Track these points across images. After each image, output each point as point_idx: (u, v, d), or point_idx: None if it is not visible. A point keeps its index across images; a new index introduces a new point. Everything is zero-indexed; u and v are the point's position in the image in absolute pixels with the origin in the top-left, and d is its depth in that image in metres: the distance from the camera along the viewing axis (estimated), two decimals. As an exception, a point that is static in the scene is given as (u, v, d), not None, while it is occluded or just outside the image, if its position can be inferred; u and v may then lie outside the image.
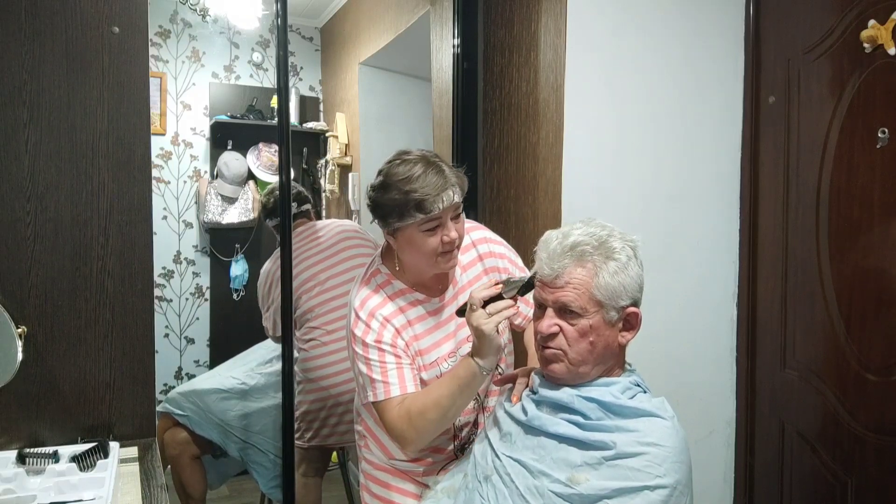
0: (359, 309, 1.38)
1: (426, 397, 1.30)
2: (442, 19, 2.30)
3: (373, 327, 1.36)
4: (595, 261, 1.15)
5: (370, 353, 1.35)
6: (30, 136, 1.51)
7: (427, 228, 1.31)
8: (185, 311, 3.62)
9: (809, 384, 1.79)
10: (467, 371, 1.25)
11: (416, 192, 1.27)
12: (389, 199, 1.30)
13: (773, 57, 1.91)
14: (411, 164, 1.31)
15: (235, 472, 2.86)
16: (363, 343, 1.35)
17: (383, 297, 1.40)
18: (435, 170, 1.30)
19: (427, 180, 1.28)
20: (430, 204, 1.28)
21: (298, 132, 3.73)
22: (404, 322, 1.39)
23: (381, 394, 1.33)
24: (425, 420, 1.28)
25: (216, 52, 3.66)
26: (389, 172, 1.32)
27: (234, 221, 3.50)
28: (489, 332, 1.20)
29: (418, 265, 1.38)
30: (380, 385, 1.33)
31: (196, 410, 2.62)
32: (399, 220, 1.30)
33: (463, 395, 1.28)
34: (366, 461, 1.54)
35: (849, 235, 1.66)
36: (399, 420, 1.31)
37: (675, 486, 1.07)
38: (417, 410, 1.29)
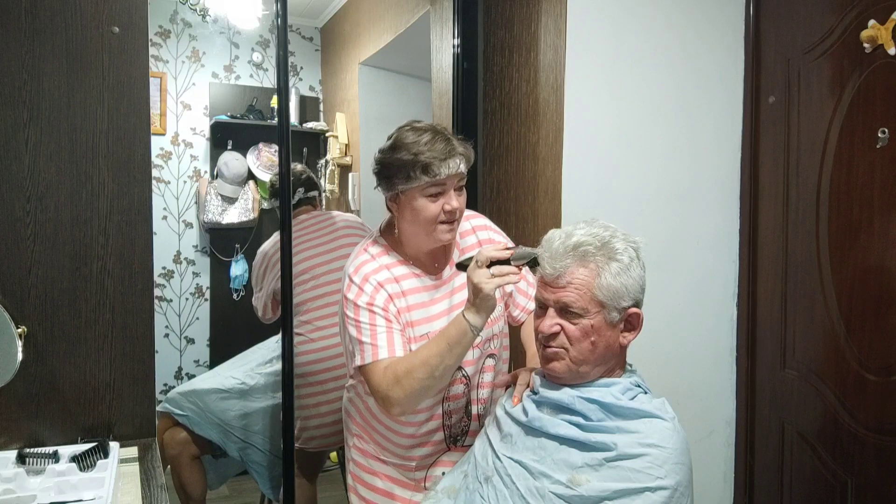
0: (353, 273, 1.39)
1: (414, 357, 1.30)
2: (442, 19, 2.30)
3: (366, 290, 1.36)
4: (597, 261, 1.15)
5: (361, 315, 1.35)
6: (30, 136, 1.51)
7: (430, 193, 1.34)
8: (185, 311, 3.62)
9: (809, 384, 1.79)
10: (458, 329, 1.25)
11: (423, 155, 1.31)
12: (397, 159, 1.33)
13: (773, 57, 1.91)
14: (421, 132, 1.35)
15: (235, 472, 2.86)
16: (354, 305, 1.36)
17: (379, 265, 1.40)
18: (443, 138, 1.35)
19: (435, 146, 1.33)
20: (436, 167, 1.31)
21: (298, 132, 3.73)
22: (398, 290, 1.39)
23: (369, 356, 1.32)
24: (413, 379, 1.27)
25: (216, 52, 3.66)
26: (399, 136, 1.36)
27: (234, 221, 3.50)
28: (489, 291, 1.20)
29: (417, 234, 1.39)
30: (368, 347, 1.33)
31: (196, 410, 2.61)
32: (405, 181, 1.33)
33: (452, 353, 1.27)
34: (354, 463, 1.52)
35: (849, 235, 1.66)
36: (385, 381, 1.30)
37: (676, 488, 1.07)
38: (404, 370, 1.28)
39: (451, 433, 1.47)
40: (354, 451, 1.51)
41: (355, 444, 1.51)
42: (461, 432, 1.48)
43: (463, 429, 1.48)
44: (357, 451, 1.51)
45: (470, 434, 1.49)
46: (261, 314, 2.54)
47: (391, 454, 1.46)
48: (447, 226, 1.38)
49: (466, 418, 1.48)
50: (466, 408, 1.48)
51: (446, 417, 1.45)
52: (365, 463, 1.49)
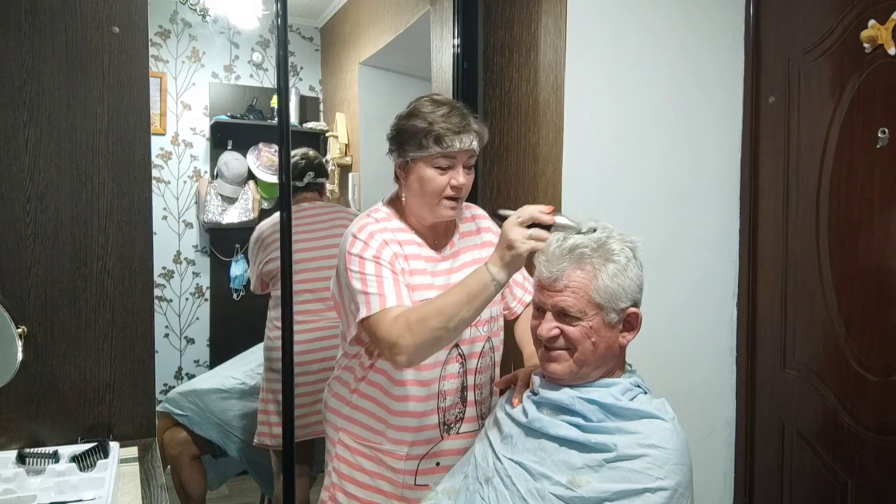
0: (357, 232, 1.38)
1: (429, 305, 1.25)
2: (442, 19, 2.30)
3: (371, 245, 1.35)
4: (594, 263, 1.15)
5: (366, 267, 1.33)
6: (30, 136, 1.51)
7: (439, 166, 1.36)
8: (185, 311, 3.62)
9: (809, 384, 1.79)
10: (480, 280, 1.22)
11: (437, 125, 1.33)
12: (412, 125, 1.35)
13: (773, 57, 1.91)
14: (439, 104, 1.38)
15: (235, 473, 2.86)
16: (360, 258, 1.34)
17: (382, 228, 1.40)
18: (459, 113, 1.37)
19: (451, 119, 1.35)
20: (449, 140, 1.33)
21: (298, 132, 3.73)
22: (402, 253, 1.39)
23: (376, 305, 1.28)
24: (426, 327, 1.22)
25: (216, 52, 3.66)
26: (418, 105, 1.39)
27: (234, 221, 3.50)
28: (523, 251, 1.18)
29: (421, 206, 1.41)
30: (375, 298, 1.29)
31: (196, 410, 2.62)
32: (416, 149, 1.35)
33: (471, 305, 1.22)
34: (338, 458, 1.48)
35: (849, 235, 1.66)
36: (395, 327, 1.24)
37: (676, 489, 1.07)
38: (417, 317, 1.23)
39: (445, 418, 1.44)
40: (339, 447, 1.48)
41: (340, 440, 1.48)
42: (455, 419, 1.45)
43: (457, 415, 1.45)
44: (342, 447, 1.48)
45: (466, 421, 1.46)
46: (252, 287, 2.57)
47: (381, 443, 1.42)
48: (451, 202, 1.38)
49: (461, 403, 1.46)
50: (462, 392, 1.45)
51: (441, 398, 1.43)
52: (351, 458, 1.46)
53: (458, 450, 1.45)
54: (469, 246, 1.51)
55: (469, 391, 1.46)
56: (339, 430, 1.48)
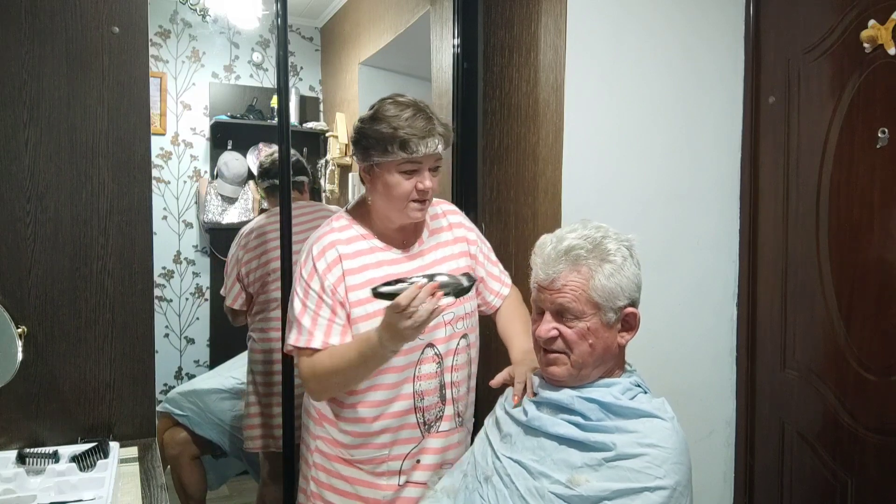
0: (313, 247, 1.40)
1: (331, 356, 1.33)
2: (442, 19, 2.30)
3: (318, 268, 1.37)
4: (590, 264, 1.15)
5: (309, 298, 1.37)
6: (30, 136, 1.51)
7: (405, 170, 1.34)
8: (185, 311, 3.62)
9: (809, 384, 1.79)
10: (371, 348, 1.26)
11: (402, 130, 1.31)
12: (376, 131, 1.33)
13: (773, 57, 1.91)
14: (403, 106, 1.35)
15: (235, 473, 2.86)
16: (306, 285, 1.37)
17: (338, 240, 1.41)
18: (424, 116, 1.34)
19: (416, 123, 1.32)
20: (414, 145, 1.31)
21: (298, 132, 3.73)
22: (357, 266, 1.39)
23: (302, 341, 1.36)
24: (328, 382, 1.35)
25: (216, 52, 3.66)
26: (381, 108, 1.36)
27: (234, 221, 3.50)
28: (411, 337, 1.22)
29: (387, 210, 1.40)
30: (304, 332, 1.36)
31: (196, 410, 2.62)
32: (381, 154, 1.33)
33: (366, 367, 1.30)
34: (316, 467, 1.46)
35: (849, 235, 1.66)
36: (307, 370, 1.36)
37: (675, 488, 1.07)
38: (322, 366, 1.33)
39: (425, 418, 1.43)
40: (316, 455, 1.46)
41: (318, 448, 1.46)
42: (436, 417, 1.45)
43: (437, 414, 1.45)
44: (319, 455, 1.46)
45: (445, 419, 1.45)
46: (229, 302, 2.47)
47: (361, 449, 1.41)
48: (418, 205, 1.38)
49: (441, 402, 1.45)
50: (440, 391, 1.45)
51: (418, 398, 1.42)
52: (329, 467, 1.44)
53: (438, 448, 1.45)
54: (440, 243, 1.50)
55: (447, 389, 1.46)
56: (317, 437, 1.47)
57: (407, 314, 1.18)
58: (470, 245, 1.55)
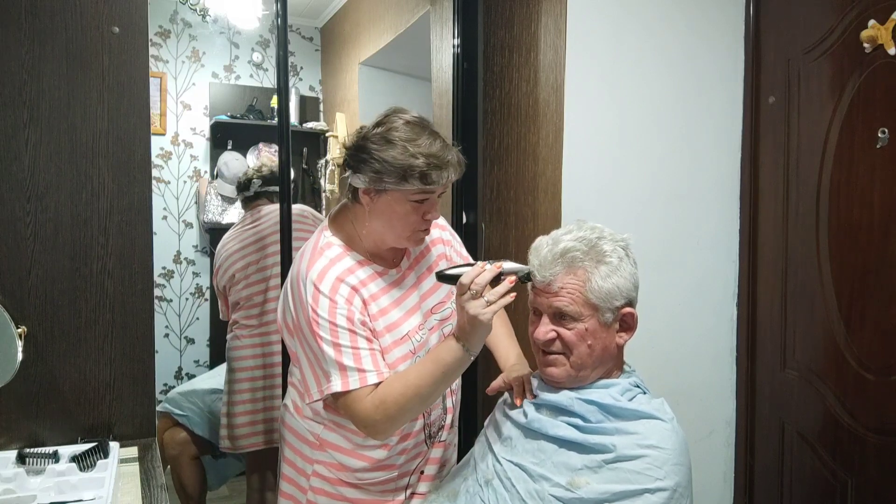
0: (318, 281, 1.24)
1: (405, 383, 1.20)
2: (442, 19, 2.30)
3: (339, 303, 1.23)
4: (586, 266, 1.15)
5: (340, 336, 1.22)
6: (30, 136, 1.51)
7: (416, 199, 1.24)
8: (185, 311, 3.62)
9: (809, 384, 1.79)
10: (454, 356, 1.17)
11: (421, 160, 1.20)
12: (392, 157, 1.21)
13: (773, 57, 1.91)
14: (418, 129, 1.24)
15: (235, 473, 2.86)
16: (331, 325, 1.22)
17: (342, 270, 1.27)
18: (440, 142, 1.25)
19: (434, 151, 1.22)
20: (433, 176, 1.21)
21: (298, 132, 3.73)
22: (370, 294, 1.29)
23: (356, 382, 1.20)
24: (401, 409, 1.19)
25: (216, 52, 3.66)
26: (392, 129, 1.23)
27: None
28: (487, 321, 1.12)
29: (386, 235, 1.29)
30: (354, 373, 1.21)
31: (196, 410, 2.62)
32: (395, 183, 1.21)
33: (447, 380, 1.20)
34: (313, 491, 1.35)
35: (849, 235, 1.66)
36: (372, 409, 1.19)
37: (676, 489, 1.07)
38: (394, 398, 1.19)
39: (431, 430, 1.41)
40: (315, 480, 1.36)
41: (316, 472, 1.36)
42: (438, 428, 1.42)
43: (440, 424, 1.42)
44: (319, 479, 1.35)
45: (445, 428, 1.43)
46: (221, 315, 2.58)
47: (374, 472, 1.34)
48: (423, 233, 1.30)
49: (443, 413, 1.43)
50: (443, 401, 1.42)
51: (426, 415, 1.38)
52: (332, 490, 1.35)
53: (437, 458, 1.43)
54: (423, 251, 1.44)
55: (448, 398, 1.43)
56: (315, 462, 1.36)
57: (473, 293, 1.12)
58: (445, 246, 1.49)
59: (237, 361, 2.41)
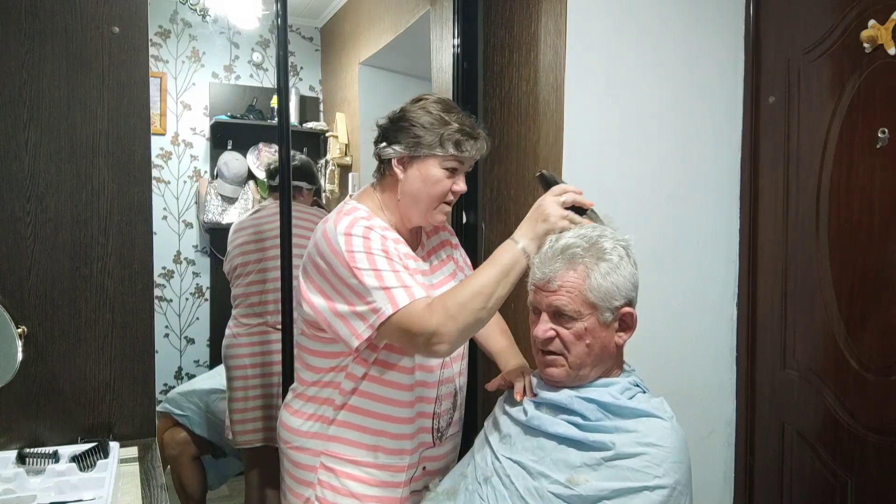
0: (349, 229, 1.24)
1: (465, 288, 1.19)
2: (442, 19, 2.30)
3: (372, 238, 1.24)
4: (586, 263, 1.16)
5: (377, 262, 1.21)
6: (30, 136, 1.51)
7: (448, 167, 1.31)
8: (185, 311, 3.62)
9: (809, 384, 1.79)
10: (511, 254, 1.20)
11: (455, 126, 1.29)
12: (430, 122, 1.29)
13: (773, 57, 1.91)
14: (450, 105, 1.34)
15: (235, 473, 2.86)
16: (367, 254, 1.21)
17: (367, 226, 1.27)
18: (471, 119, 1.34)
19: (467, 122, 1.32)
20: (466, 144, 1.30)
21: (298, 132, 3.73)
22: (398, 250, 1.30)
23: (404, 298, 1.18)
24: (467, 310, 1.17)
25: (216, 52, 3.66)
26: (429, 104, 1.32)
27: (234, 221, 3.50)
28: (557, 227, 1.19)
29: (413, 207, 1.33)
30: (399, 291, 1.19)
31: (196, 410, 2.62)
32: (431, 147, 1.28)
33: (507, 280, 1.19)
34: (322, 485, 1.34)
35: (849, 235, 1.66)
36: (434, 316, 1.17)
37: (675, 487, 1.07)
38: (456, 302, 1.17)
39: (439, 425, 1.40)
40: (322, 472, 1.35)
41: (323, 464, 1.35)
42: (446, 424, 1.42)
43: (448, 420, 1.43)
44: (326, 472, 1.35)
45: (452, 424, 1.43)
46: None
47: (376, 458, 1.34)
48: (447, 206, 1.35)
49: (452, 409, 1.43)
50: (455, 397, 1.43)
51: (437, 404, 1.38)
52: (337, 483, 1.34)
53: (442, 455, 1.43)
54: (434, 247, 1.49)
55: (459, 394, 1.45)
56: (321, 454, 1.35)
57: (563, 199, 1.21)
58: (454, 249, 1.55)
59: (233, 360, 2.41)
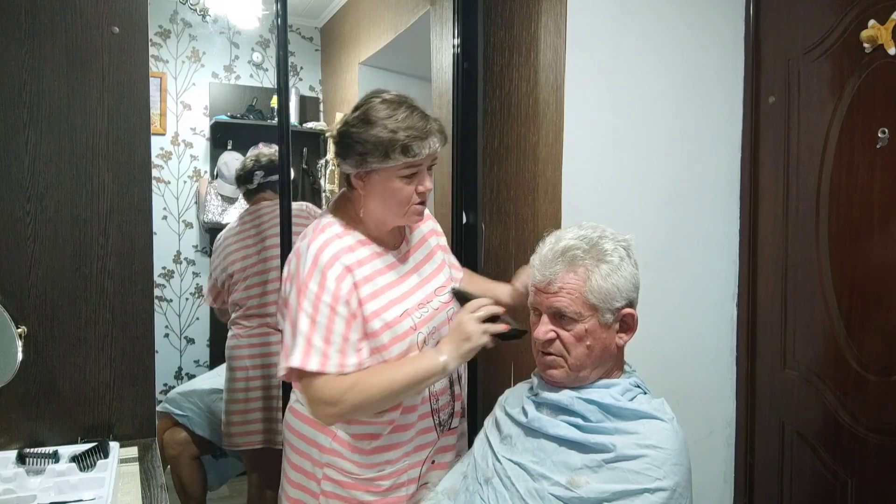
0: (316, 255, 1.26)
1: (377, 383, 1.22)
2: (442, 19, 2.30)
3: (329, 278, 1.24)
4: (587, 264, 1.15)
5: (320, 312, 1.22)
6: (30, 136, 1.51)
7: (405, 174, 1.27)
8: (185, 311, 3.62)
9: (809, 384, 1.79)
10: (432, 365, 1.22)
11: (401, 133, 1.22)
12: (373, 136, 1.23)
13: (773, 57, 1.91)
14: (395, 105, 1.26)
15: (235, 473, 2.86)
16: (316, 298, 1.23)
17: (340, 248, 1.29)
18: (419, 114, 1.27)
19: (413, 123, 1.24)
20: (416, 148, 1.23)
21: (298, 132, 3.73)
22: (367, 273, 1.30)
23: (315, 364, 1.20)
24: (368, 404, 1.22)
25: (216, 52, 3.66)
26: (371, 109, 1.26)
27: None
28: (476, 343, 1.22)
29: (385, 215, 1.33)
30: (317, 354, 1.21)
31: (196, 410, 2.62)
32: (380, 160, 1.24)
33: (419, 387, 1.25)
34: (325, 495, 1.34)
35: (849, 235, 1.66)
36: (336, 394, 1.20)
37: (675, 489, 1.07)
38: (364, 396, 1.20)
39: (440, 418, 1.41)
40: (326, 483, 1.34)
41: (326, 475, 1.34)
42: (449, 415, 1.43)
43: (450, 412, 1.43)
44: (330, 483, 1.34)
45: (456, 415, 1.44)
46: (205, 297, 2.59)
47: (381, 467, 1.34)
48: (419, 206, 1.32)
49: (451, 399, 1.44)
50: (451, 388, 1.43)
51: (433, 401, 1.40)
52: (343, 493, 1.34)
53: (450, 446, 1.45)
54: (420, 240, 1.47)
55: (455, 385, 1.45)
56: (324, 465, 1.34)
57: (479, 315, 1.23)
58: (439, 237, 1.53)
59: (236, 361, 2.41)
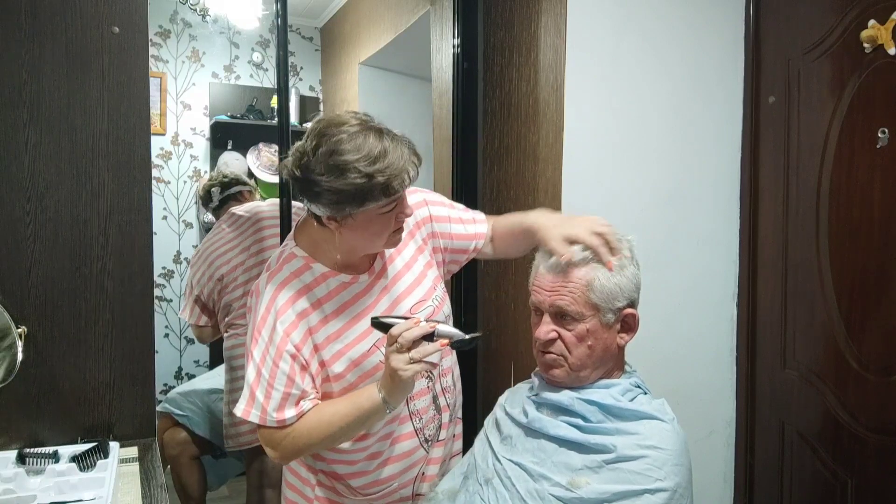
0: (270, 300, 1.21)
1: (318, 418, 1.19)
2: (442, 19, 2.30)
3: (278, 330, 1.19)
4: (590, 264, 1.15)
5: (265, 364, 1.20)
6: (30, 136, 1.51)
7: (387, 210, 1.17)
8: (185, 311, 3.61)
9: (809, 384, 1.79)
10: (371, 403, 1.15)
11: (381, 174, 1.09)
12: (349, 184, 1.09)
13: (773, 57, 1.91)
14: (362, 138, 1.11)
15: (235, 473, 2.86)
16: (264, 349, 1.20)
17: (297, 290, 1.22)
18: (391, 140, 1.13)
19: (390, 157, 1.11)
20: (396, 184, 1.12)
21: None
22: (328, 312, 1.23)
23: (256, 417, 1.20)
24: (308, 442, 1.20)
25: (216, 52, 3.66)
26: (339, 151, 1.10)
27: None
28: (407, 378, 1.09)
29: (363, 248, 1.23)
30: (258, 408, 1.20)
31: (196, 410, 2.62)
32: (360, 205, 1.12)
33: (360, 425, 1.19)
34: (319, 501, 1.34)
35: (849, 235, 1.66)
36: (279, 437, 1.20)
37: (676, 490, 1.07)
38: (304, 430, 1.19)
39: (426, 435, 1.36)
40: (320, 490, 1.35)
41: (320, 482, 1.35)
42: (436, 430, 1.38)
43: (436, 426, 1.38)
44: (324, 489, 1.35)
45: (443, 427, 1.40)
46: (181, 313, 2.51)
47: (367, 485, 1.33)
48: (398, 233, 1.24)
49: (437, 413, 1.38)
50: (434, 402, 1.37)
51: (416, 420, 1.33)
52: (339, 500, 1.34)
53: (438, 458, 1.42)
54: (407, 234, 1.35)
55: (440, 398, 1.39)
56: (318, 472, 1.34)
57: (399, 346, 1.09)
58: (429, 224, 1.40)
59: (235, 361, 2.41)
